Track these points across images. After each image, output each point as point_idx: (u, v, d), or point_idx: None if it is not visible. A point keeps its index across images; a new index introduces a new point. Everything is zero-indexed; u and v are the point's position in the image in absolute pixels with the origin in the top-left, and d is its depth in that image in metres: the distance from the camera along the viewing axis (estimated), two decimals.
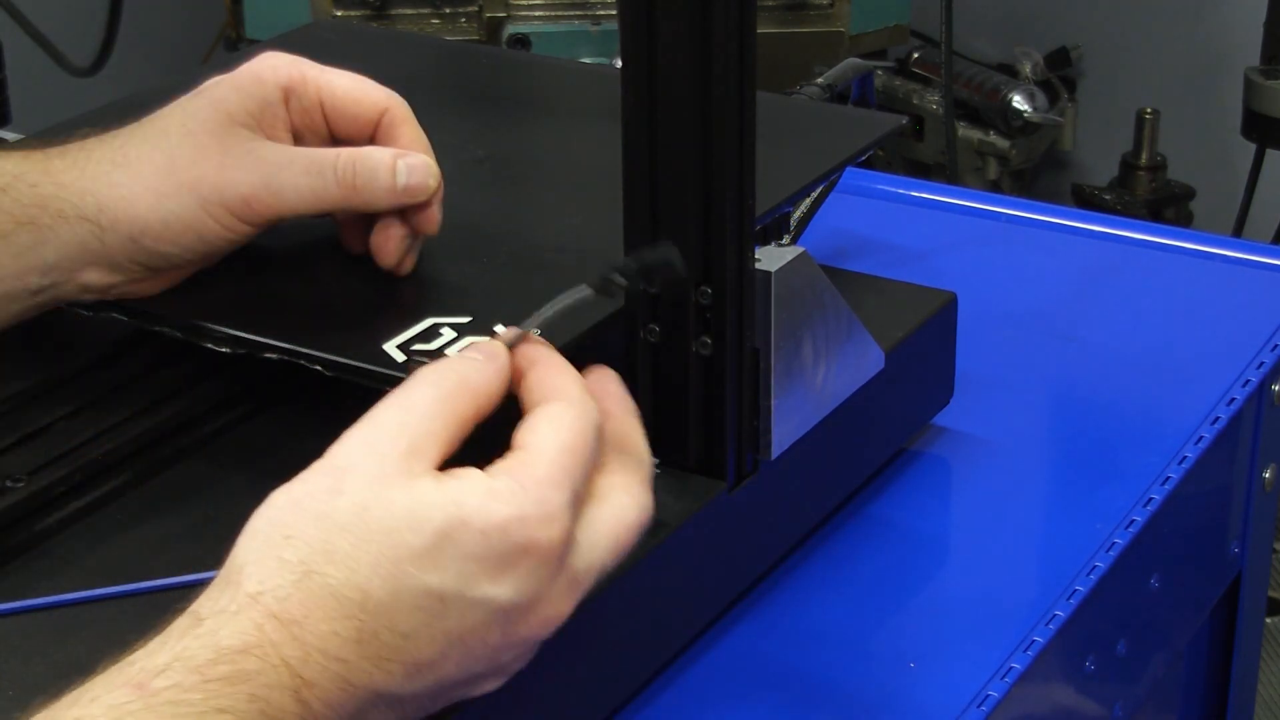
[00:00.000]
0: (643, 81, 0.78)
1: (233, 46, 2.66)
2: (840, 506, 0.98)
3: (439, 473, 0.70)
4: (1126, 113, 2.75)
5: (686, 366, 0.82)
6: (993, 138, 2.73)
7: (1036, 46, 2.84)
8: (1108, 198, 2.72)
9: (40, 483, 0.83)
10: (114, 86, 2.46)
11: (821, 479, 0.94)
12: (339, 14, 2.29)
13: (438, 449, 0.71)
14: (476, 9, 2.29)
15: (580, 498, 0.72)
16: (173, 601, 0.78)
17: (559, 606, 0.71)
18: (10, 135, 1.15)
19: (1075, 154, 2.95)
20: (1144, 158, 2.72)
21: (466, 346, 0.76)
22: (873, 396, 0.92)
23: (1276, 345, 1.14)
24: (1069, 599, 0.92)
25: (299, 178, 0.87)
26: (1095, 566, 0.94)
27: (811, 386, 0.86)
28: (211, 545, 0.81)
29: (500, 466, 0.71)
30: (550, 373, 0.75)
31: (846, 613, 0.91)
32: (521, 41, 2.26)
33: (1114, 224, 1.30)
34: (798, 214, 1.04)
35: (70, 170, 0.87)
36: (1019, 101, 2.69)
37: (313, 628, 0.67)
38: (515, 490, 0.70)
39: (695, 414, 0.83)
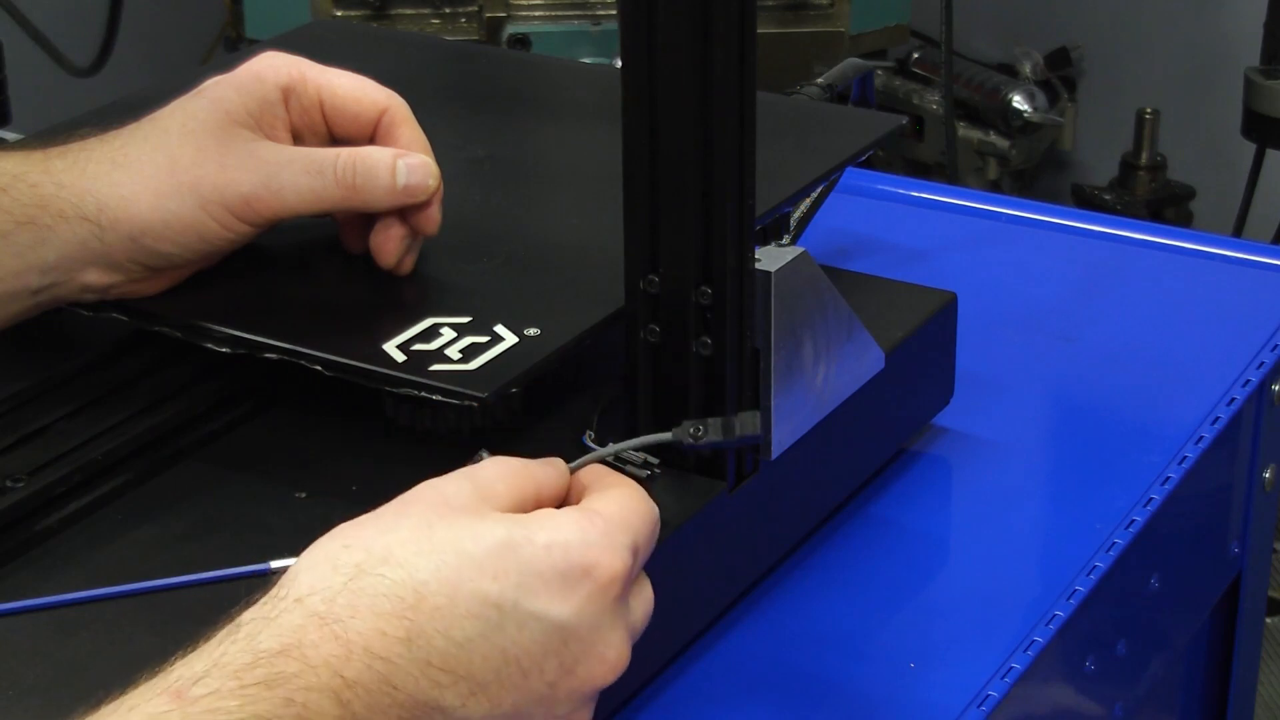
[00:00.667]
0: (643, 81, 0.78)
1: (233, 46, 2.67)
2: (840, 506, 0.98)
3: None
4: (1126, 113, 2.75)
5: (686, 366, 0.82)
6: (993, 138, 2.73)
7: (1036, 46, 2.84)
8: (1108, 198, 2.72)
9: (40, 483, 0.83)
10: (114, 86, 2.46)
11: (821, 479, 0.94)
12: (339, 14, 2.29)
13: (502, 505, 0.72)
14: (476, 9, 2.29)
15: (637, 557, 0.72)
16: (173, 601, 0.78)
17: (619, 649, 0.71)
18: (10, 135, 1.15)
19: (1075, 154, 2.95)
20: (1144, 158, 2.72)
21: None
22: (873, 396, 0.92)
23: (1276, 345, 1.14)
24: (1069, 599, 0.92)
25: (299, 177, 0.87)
26: (1095, 566, 0.94)
27: (811, 386, 0.86)
28: (211, 545, 0.82)
29: (568, 508, 0.72)
30: (619, 478, 0.77)
31: (846, 613, 0.91)
32: (521, 41, 2.26)
33: (1114, 224, 1.30)
34: (798, 214, 1.04)
35: (70, 170, 0.87)
36: (1019, 101, 2.69)
37: (358, 626, 0.66)
38: (581, 520, 0.71)
39: (695, 414, 0.82)
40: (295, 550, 0.80)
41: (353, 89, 0.90)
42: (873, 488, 1.00)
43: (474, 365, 0.83)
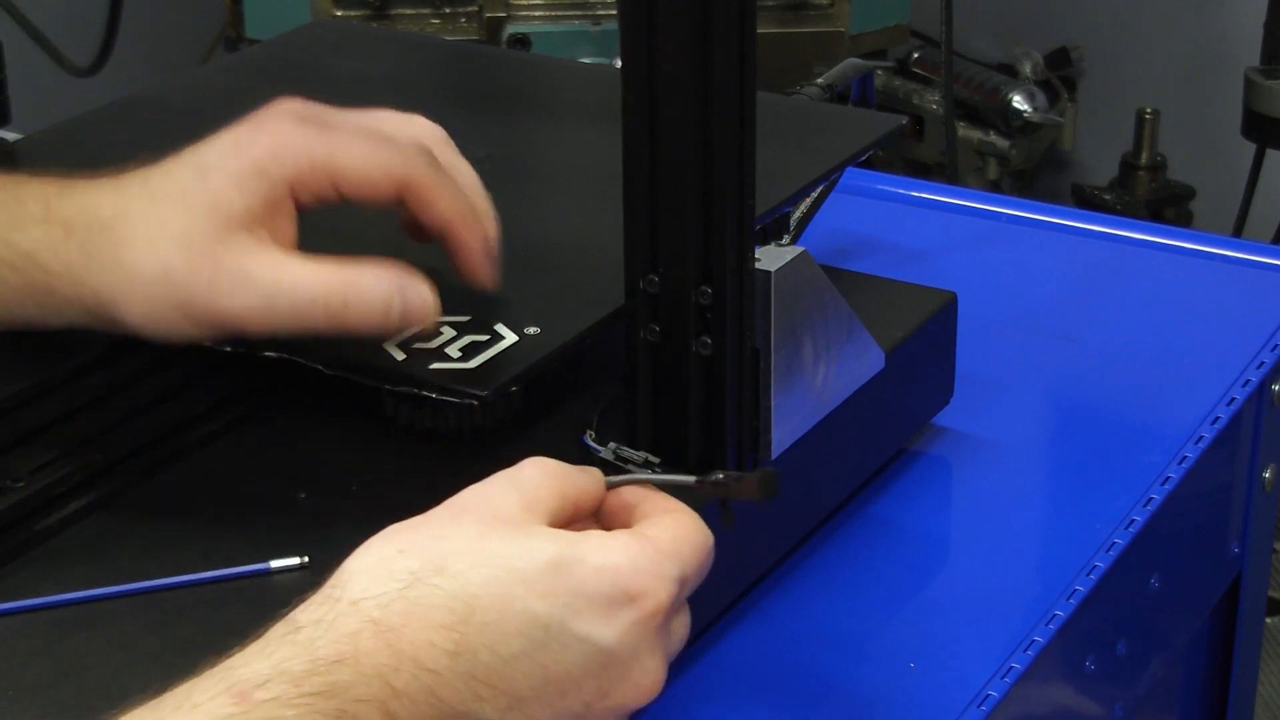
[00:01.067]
0: (643, 81, 0.78)
1: (233, 46, 2.67)
2: (840, 506, 0.98)
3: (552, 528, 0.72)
4: (1126, 113, 2.75)
5: (686, 366, 0.82)
6: (993, 138, 2.73)
7: (1036, 46, 2.84)
8: (1108, 198, 2.72)
9: (40, 483, 0.83)
10: (114, 86, 2.46)
11: (821, 479, 0.94)
12: (339, 14, 2.29)
13: (547, 511, 0.72)
14: (476, 9, 2.29)
15: (684, 587, 0.73)
16: (173, 601, 0.78)
17: (655, 675, 0.72)
18: (10, 135, 1.15)
19: (1075, 154, 2.95)
20: (1144, 158, 2.72)
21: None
22: (873, 396, 0.92)
23: (1276, 345, 1.14)
24: (1069, 599, 0.92)
25: (290, 305, 0.82)
26: (1095, 566, 0.94)
27: (811, 386, 0.86)
28: (211, 545, 0.81)
29: (620, 531, 0.73)
30: (675, 504, 0.76)
31: (846, 613, 0.91)
32: (521, 41, 2.26)
33: (1114, 224, 1.30)
34: (798, 214, 1.04)
35: (79, 254, 0.83)
36: (1019, 101, 2.69)
37: (410, 636, 0.67)
38: (631, 545, 0.71)
39: (695, 414, 0.82)
40: (295, 550, 0.80)
41: (366, 167, 0.84)
42: (873, 488, 1.00)
43: (474, 364, 0.83)
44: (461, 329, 0.85)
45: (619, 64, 0.79)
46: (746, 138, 0.79)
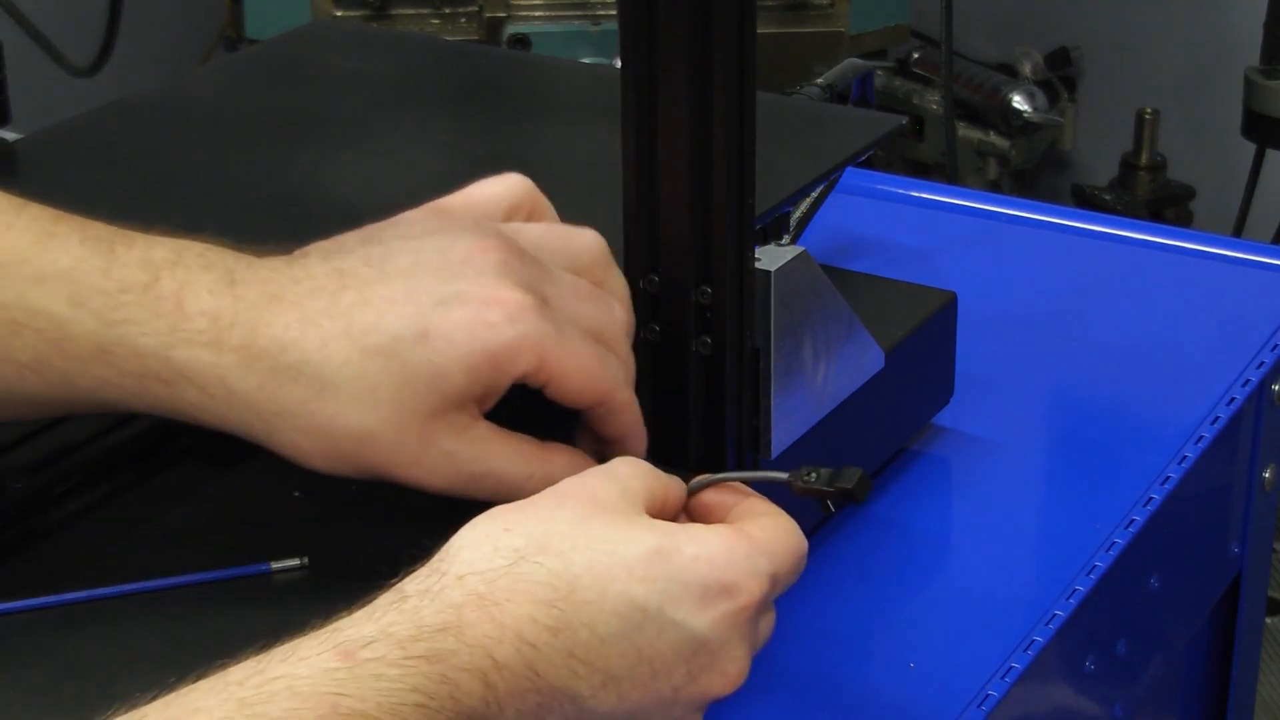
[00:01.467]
0: (643, 81, 0.78)
1: (233, 46, 2.67)
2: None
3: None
4: (1126, 113, 2.75)
5: (686, 366, 0.82)
6: (993, 138, 2.73)
7: (1036, 46, 2.84)
8: (1108, 198, 2.72)
9: (40, 483, 0.83)
10: (114, 86, 2.46)
11: None
12: (339, 14, 2.29)
13: (643, 502, 0.74)
14: (476, 9, 2.29)
15: (776, 586, 0.74)
16: (173, 601, 0.78)
17: (740, 665, 0.73)
18: (10, 135, 1.15)
19: (1075, 154, 2.95)
20: (1144, 158, 2.72)
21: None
22: (873, 396, 0.92)
23: (1276, 345, 1.14)
24: (1069, 599, 0.92)
25: (487, 490, 0.78)
26: (1095, 566, 0.94)
27: (811, 386, 0.86)
28: (211, 545, 0.81)
29: (719, 524, 0.74)
30: (772, 506, 0.77)
31: (846, 613, 0.91)
32: (521, 41, 2.26)
33: (1114, 224, 1.30)
34: (798, 214, 1.04)
35: (258, 393, 0.75)
36: (1019, 101, 2.69)
37: (513, 610, 0.68)
38: (729, 538, 0.73)
39: (695, 414, 0.83)
40: (295, 550, 0.80)
41: (583, 385, 0.78)
42: (873, 487, 1.00)
43: None
44: None
45: (619, 64, 0.79)
46: (746, 138, 0.79)
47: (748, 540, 0.73)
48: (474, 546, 0.71)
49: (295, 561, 0.80)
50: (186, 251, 0.76)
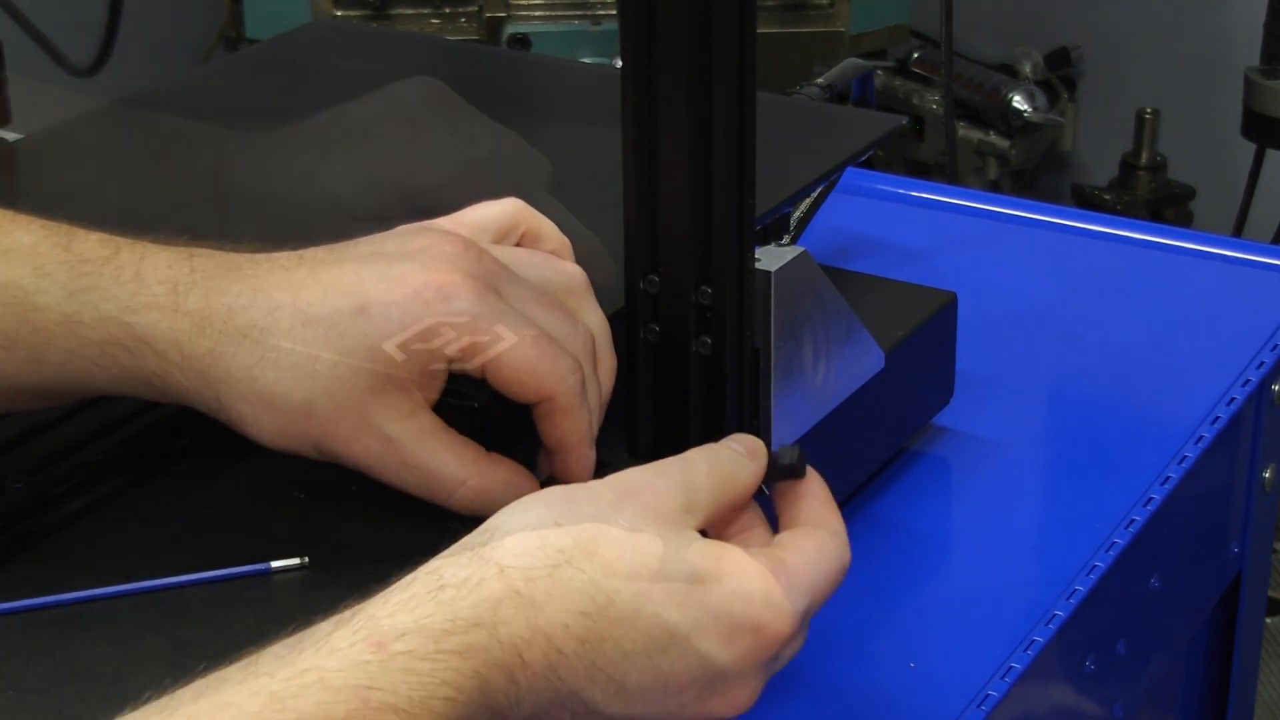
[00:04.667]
0: (643, 81, 0.78)
1: (233, 46, 2.67)
2: (840, 506, 0.98)
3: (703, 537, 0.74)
4: (1126, 113, 2.75)
5: (686, 366, 0.82)
6: (993, 138, 2.73)
7: (1036, 46, 2.84)
8: (1108, 198, 2.72)
9: (40, 483, 0.83)
10: (114, 86, 2.46)
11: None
12: (339, 14, 2.29)
13: (703, 516, 0.75)
14: (476, 9, 2.29)
15: (807, 618, 0.75)
16: (173, 601, 0.78)
17: (750, 695, 0.74)
18: (10, 135, 1.15)
19: (1075, 154, 2.95)
20: (1144, 158, 2.72)
21: (733, 438, 0.79)
22: (873, 396, 0.92)
23: (1276, 345, 1.14)
24: (1069, 599, 0.92)
25: (419, 483, 0.80)
26: (1095, 566, 0.94)
27: (811, 386, 0.86)
28: (211, 545, 0.81)
29: (761, 552, 0.74)
30: (821, 504, 0.79)
31: (846, 613, 0.91)
32: (521, 41, 2.26)
33: (1114, 224, 1.30)
34: (798, 214, 1.04)
35: (208, 357, 0.78)
36: (1019, 101, 2.69)
37: (549, 615, 0.69)
38: (768, 575, 0.73)
39: (695, 414, 0.83)
40: (295, 550, 0.80)
41: (522, 374, 0.79)
42: (873, 488, 1.00)
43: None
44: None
45: (619, 64, 0.79)
46: (746, 138, 0.79)
47: (787, 576, 0.73)
48: (521, 535, 0.70)
49: (295, 561, 0.80)
50: (143, 238, 0.80)
